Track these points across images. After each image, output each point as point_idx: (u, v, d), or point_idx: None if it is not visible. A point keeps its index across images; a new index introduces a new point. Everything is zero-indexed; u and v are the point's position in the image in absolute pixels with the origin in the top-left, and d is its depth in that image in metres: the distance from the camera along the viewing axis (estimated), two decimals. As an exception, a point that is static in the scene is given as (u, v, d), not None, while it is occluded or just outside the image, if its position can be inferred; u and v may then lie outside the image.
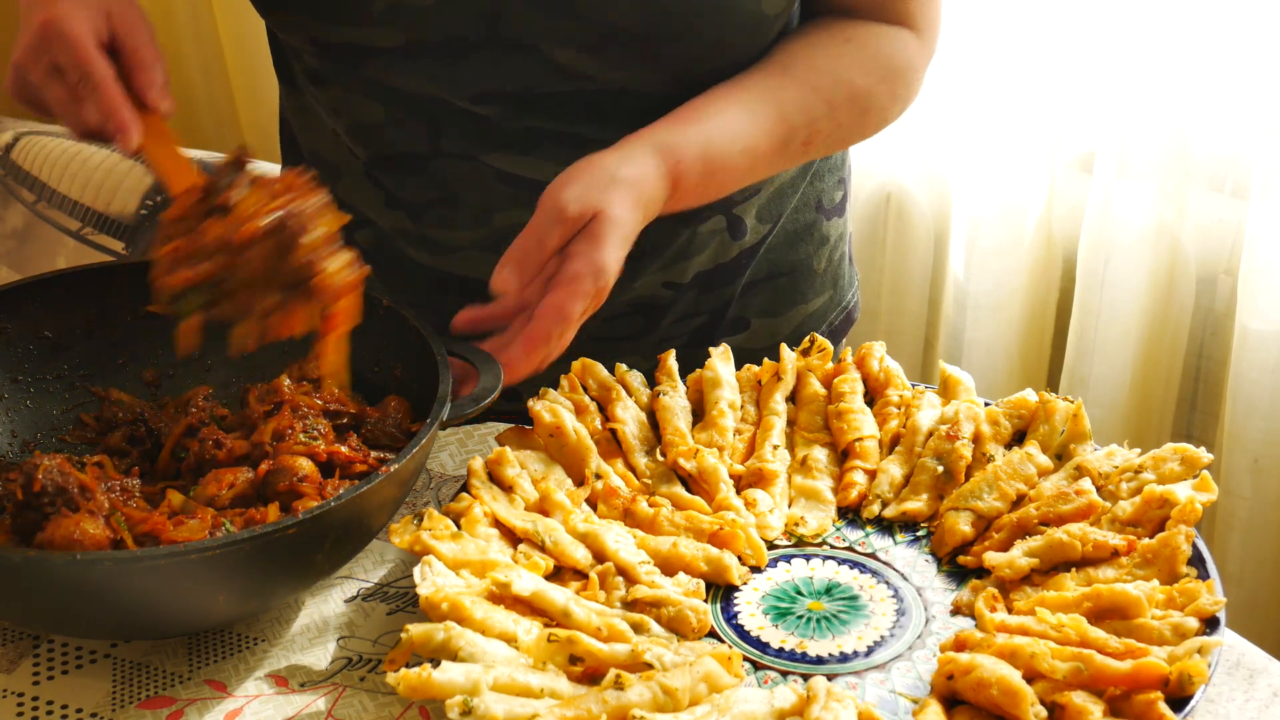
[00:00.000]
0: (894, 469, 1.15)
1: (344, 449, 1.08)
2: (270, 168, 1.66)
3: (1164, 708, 0.88)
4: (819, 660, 1.00)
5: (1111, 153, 1.95)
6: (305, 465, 1.05)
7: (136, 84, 1.11)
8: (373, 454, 1.09)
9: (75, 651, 1.04)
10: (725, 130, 1.20)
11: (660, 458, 1.16)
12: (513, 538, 1.07)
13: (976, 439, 1.15)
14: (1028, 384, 2.16)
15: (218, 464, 1.08)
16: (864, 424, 1.18)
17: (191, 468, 1.09)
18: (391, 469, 0.99)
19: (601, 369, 1.21)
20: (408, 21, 1.21)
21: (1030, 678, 0.92)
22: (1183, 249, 1.97)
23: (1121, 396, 2.04)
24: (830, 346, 1.25)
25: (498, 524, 1.08)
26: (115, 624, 0.99)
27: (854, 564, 1.09)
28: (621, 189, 1.11)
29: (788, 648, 1.01)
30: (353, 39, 1.23)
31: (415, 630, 0.94)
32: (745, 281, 1.41)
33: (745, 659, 1.00)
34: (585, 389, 1.20)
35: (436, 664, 0.91)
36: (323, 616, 1.08)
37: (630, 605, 1.03)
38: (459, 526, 1.06)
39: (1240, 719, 0.98)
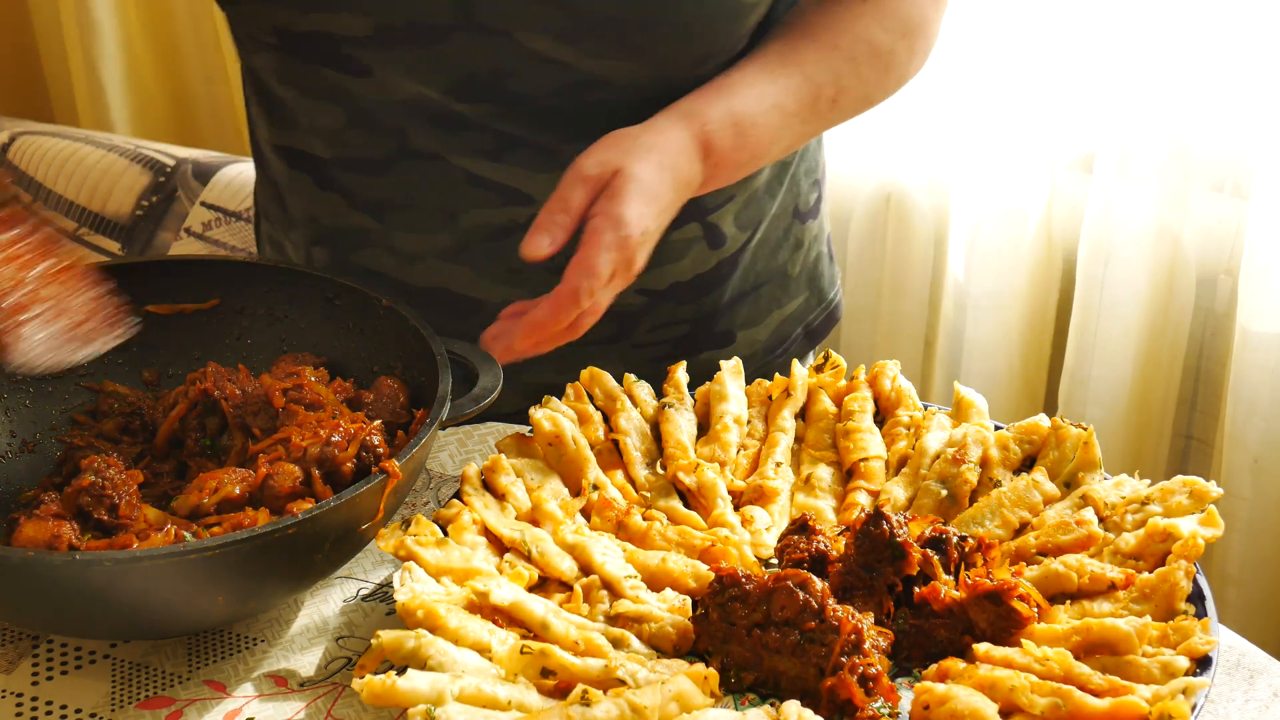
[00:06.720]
0: (898, 491, 1.14)
1: (343, 423, 1.07)
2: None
3: None
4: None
5: (1111, 153, 1.94)
6: (295, 470, 1.04)
7: None
8: (375, 422, 1.08)
9: (75, 651, 1.04)
10: (751, 93, 1.21)
11: (661, 471, 1.16)
12: (500, 546, 1.07)
13: (984, 463, 1.13)
14: (1028, 385, 2.16)
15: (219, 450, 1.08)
16: (870, 444, 1.17)
17: (200, 447, 1.09)
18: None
19: (609, 378, 1.21)
20: (376, 5, 1.19)
21: (1008, 711, 0.91)
22: (1183, 249, 1.97)
23: (1121, 396, 2.04)
24: (844, 364, 1.23)
25: (486, 532, 1.07)
26: (115, 624, 0.99)
27: None
28: (642, 150, 1.13)
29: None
30: (320, 26, 1.21)
31: (386, 636, 0.93)
32: (732, 295, 1.40)
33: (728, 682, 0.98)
34: (591, 398, 1.20)
35: (403, 672, 0.90)
36: (322, 617, 1.08)
37: (613, 620, 1.01)
38: (446, 533, 1.06)
39: (1240, 719, 0.98)
